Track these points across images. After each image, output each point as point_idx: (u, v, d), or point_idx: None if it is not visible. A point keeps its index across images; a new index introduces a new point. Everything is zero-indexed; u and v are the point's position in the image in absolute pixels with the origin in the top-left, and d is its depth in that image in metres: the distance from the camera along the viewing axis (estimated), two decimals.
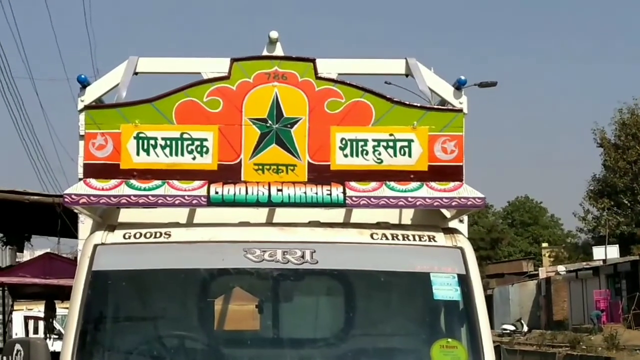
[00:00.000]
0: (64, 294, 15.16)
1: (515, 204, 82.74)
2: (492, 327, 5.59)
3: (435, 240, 5.49)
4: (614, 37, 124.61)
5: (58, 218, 12.71)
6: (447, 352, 5.14)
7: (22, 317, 23.59)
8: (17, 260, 20.70)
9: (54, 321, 17.76)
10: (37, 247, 20.41)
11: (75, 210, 5.61)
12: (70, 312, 5.22)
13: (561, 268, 57.91)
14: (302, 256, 5.32)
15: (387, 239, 5.49)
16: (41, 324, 20.30)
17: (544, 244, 67.38)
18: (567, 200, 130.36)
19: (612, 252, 50.20)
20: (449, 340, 5.25)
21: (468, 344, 5.20)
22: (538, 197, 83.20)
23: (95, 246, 5.35)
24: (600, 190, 58.02)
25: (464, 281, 5.30)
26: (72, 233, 6.44)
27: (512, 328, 50.82)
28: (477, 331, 5.16)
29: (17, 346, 5.35)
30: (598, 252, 51.67)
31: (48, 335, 15.88)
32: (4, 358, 5.37)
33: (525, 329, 50.72)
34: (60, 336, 6.72)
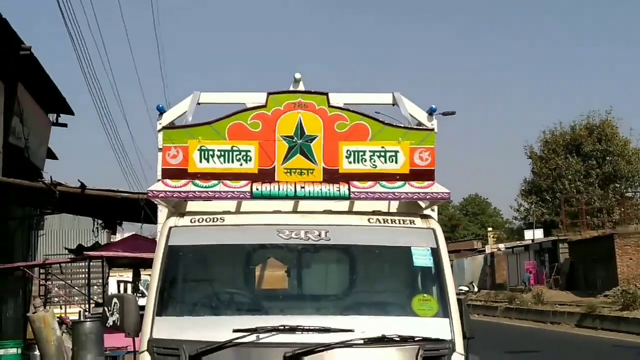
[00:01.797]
0: (146, 264, 15.42)
1: (468, 199, 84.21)
2: None
3: (414, 224, 5.64)
4: (536, 76, 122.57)
5: (141, 209, 12.76)
6: (424, 304, 5.28)
7: (115, 281, 23.65)
8: (111, 239, 20.71)
9: (139, 284, 17.78)
10: (126, 231, 20.47)
11: (156, 202, 5.80)
12: (152, 276, 5.39)
13: (501, 246, 58.66)
14: (319, 235, 5.48)
15: (380, 222, 5.65)
16: (129, 286, 20.34)
17: (489, 229, 68.33)
18: (506, 196, 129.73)
19: (538, 234, 50.71)
20: (425, 295, 5.42)
21: (438, 297, 5.28)
22: (485, 195, 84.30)
23: (170, 228, 5.54)
24: (529, 189, 58.67)
25: (435, 253, 5.47)
26: (151, 220, 6.52)
27: (466, 289, 51.50)
28: (445, 289, 5.33)
29: (114, 299, 5.43)
30: (528, 234, 52.10)
31: (135, 294, 15.89)
32: (105, 308, 5.44)
33: (476, 289, 51.24)
34: (143, 295, 6.78)
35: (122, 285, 23.29)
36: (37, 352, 11.18)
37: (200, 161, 5.50)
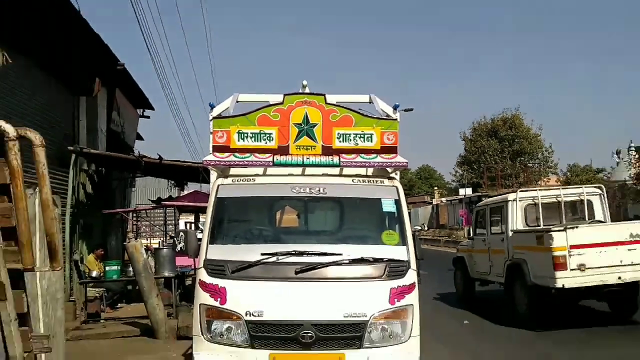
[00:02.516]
0: (203, 210, 15.29)
1: (422, 168, 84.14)
2: None
3: (383, 183, 5.61)
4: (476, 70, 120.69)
5: (200, 173, 12.69)
6: (389, 236, 5.33)
7: (183, 222, 23.64)
8: (180, 194, 20.67)
9: (198, 224, 17.76)
10: (190, 188, 20.33)
11: (209, 168, 5.71)
12: (206, 217, 5.45)
13: (443, 199, 58.59)
14: (319, 190, 5.45)
15: (360, 182, 5.62)
16: (192, 225, 20.32)
17: (436, 188, 67.95)
18: (447, 166, 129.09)
19: (468, 191, 50.52)
20: (390, 230, 5.40)
21: (399, 232, 5.25)
22: (433, 165, 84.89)
23: (218, 185, 5.53)
24: (462, 161, 58.61)
25: (397, 202, 5.45)
26: (206, 180, 6.47)
27: (419, 228, 50.63)
28: (404, 226, 5.34)
29: (181, 233, 5.45)
30: (461, 191, 51.83)
31: (195, 230, 15.95)
32: (175, 238, 5.45)
33: (426, 228, 50.88)
34: (201, 230, 6.87)
35: (187, 224, 23.37)
36: (130, 268, 11.23)
37: (238, 140, 5.52)
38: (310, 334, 4.71)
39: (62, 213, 10.84)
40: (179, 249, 5.27)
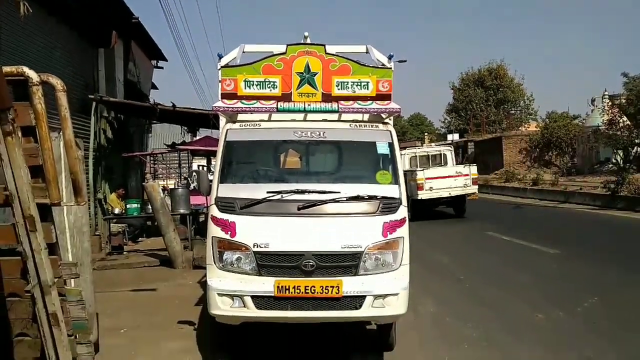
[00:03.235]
0: (214, 154, 15.26)
1: (413, 115, 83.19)
2: None
3: (378, 127, 5.56)
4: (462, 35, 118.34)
5: (210, 120, 12.60)
6: (383, 176, 5.30)
7: (196, 165, 23.65)
8: (193, 139, 20.59)
9: (210, 166, 17.80)
10: (202, 133, 20.26)
11: (218, 114, 5.62)
12: (216, 159, 5.42)
13: (433, 144, 57.90)
14: (319, 134, 5.41)
15: (357, 127, 5.55)
16: (205, 169, 20.36)
17: (426, 134, 67.40)
18: (437, 114, 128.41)
19: (456, 137, 50.19)
20: (384, 171, 5.35)
21: (392, 172, 5.22)
22: (424, 112, 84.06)
23: (227, 130, 5.48)
24: (451, 109, 57.91)
25: (390, 145, 5.41)
26: (217, 127, 6.42)
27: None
28: (396, 167, 5.29)
29: (194, 173, 5.47)
30: (450, 137, 51.52)
31: (207, 171, 16.03)
32: (189, 178, 5.46)
33: None
34: (212, 172, 6.84)
35: (200, 167, 23.43)
36: (149, 206, 11.33)
37: (245, 88, 5.40)
38: (311, 263, 4.77)
39: (85, 156, 10.83)
40: (192, 187, 5.26)
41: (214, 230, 4.99)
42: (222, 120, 5.82)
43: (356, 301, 4.85)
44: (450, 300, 7.78)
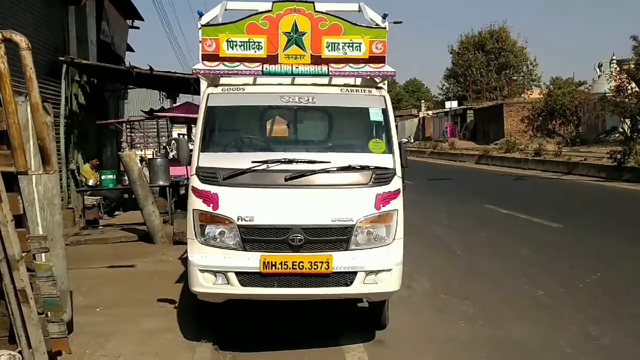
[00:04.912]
0: (195, 122, 15.16)
1: (409, 81, 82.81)
2: None
3: (371, 92, 5.54)
4: None
5: (191, 84, 12.47)
6: (376, 145, 5.32)
7: (176, 133, 23.54)
8: (173, 105, 20.44)
9: (191, 135, 17.69)
10: (182, 99, 20.06)
11: (199, 77, 5.54)
12: (197, 126, 5.39)
13: (430, 112, 58.31)
14: (308, 99, 5.37)
15: (349, 91, 5.53)
16: (185, 137, 20.27)
17: (422, 101, 67.34)
18: (435, 80, 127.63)
19: (454, 104, 50.37)
20: (377, 139, 5.34)
21: (386, 141, 5.23)
22: (420, 78, 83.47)
23: (208, 94, 5.41)
24: (449, 74, 57.65)
25: (384, 112, 5.40)
26: (198, 92, 6.33)
27: (406, 140, 50.91)
28: (390, 135, 5.32)
29: (173, 142, 5.39)
30: (447, 104, 51.62)
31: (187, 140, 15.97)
32: (167, 147, 5.38)
33: (412, 140, 51.10)
34: (193, 140, 6.73)
35: (180, 135, 23.34)
36: (126, 178, 11.26)
37: (227, 49, 5.34)
38: (299, 237, 4.79)
39: (55, 123, 10.70)
40: (172, 156, 5.25)
41: (195, 203, 4.98)
42: (203, 84, 5.75)
43: (347, 277, 4.89)
44: (447, 275, 7.85)
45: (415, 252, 8.61)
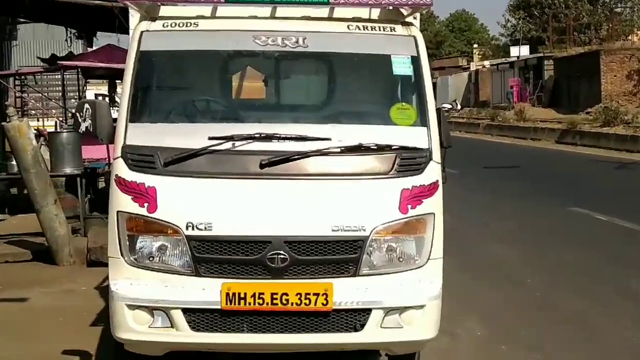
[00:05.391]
0: (121, 75, 15.16)
1: (455, 15, 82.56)
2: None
3: (395, 31, 5.51)
4: None
5: (115, 18, 12.46)
6: (402, 112, 5.29)
7: (93, 94, 23.51)
8: (87, 50, 20.46)
9: (115, 96, 17.68)
10: (102, 42, 20.03)
11: (127, 6, 5.50)
12: (124, 82, 5.35)
13: (486, 63, 58.71)
14: (297, 41, 5.37)
15: (360, 29, 5.51)
16: (106, 99, 20.23)
17: (475, 46, 67.49)
18: (493, 12, 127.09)
19: (524, 50, 50.72)
20: (404, 104, 5.34)
21: (417, 106, 5.25)
22: (472, 10, 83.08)
23: (142, 32, 5.40)
24: (517, 4, 58.06)
25: (415, 61, 5.40)
26: (126, 30, 6.32)
27: (449, 106, 50.92)
28: (424, 98, 5.32)
29: (86, 105, 5.34)
30: (514, 51, 52.03)
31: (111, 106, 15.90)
32: (78, 114, 5.36)
33: (459, 107, 51.06)
34: (117, 104, 6.69)
35: (99, 98, 23.32)
36: (13, 162, 11.26)
37: None
38: (282, 256, 4.78)
39: None
40: (83, 128, 5.17)
41: (121, 201, 4.97)
42: (135, 16, 5.72)
43: (355, 318, 4.90)
44: (508, 318, 7.88)
45: (460, 281, 8.62)
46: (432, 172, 5.12)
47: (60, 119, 19.18)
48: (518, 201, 15.93)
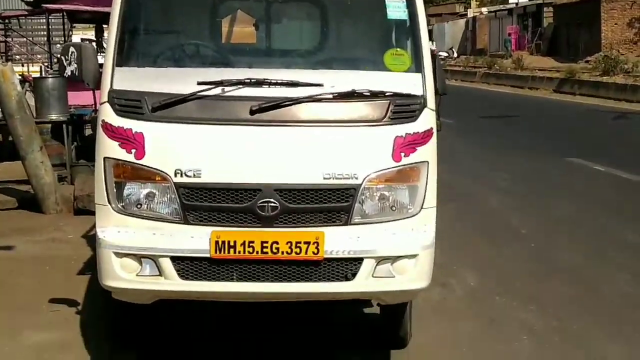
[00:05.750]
0: (107, 18, 15.02)
1: None
2: None
3: None
4: None
5: None
6: (396, 58, 5.24)
7: (79, 39, 23.29)
8: None
9: (102, 41, 17.51)
10: None
11: None
12: (110, 24, 5.26)
13: (484, 10, 58.18)
14: None
15: None
16: (93, 44, 20.00)
17: None
18: None
19: None
20: (398, 49, 5.30)
21: (412, 52, 5.20)
22: None
23: None
24: None
25: (410, 4, 5.28)
26: None
27: (445, 54, 51.03)
28: (419, 43, 5.25)
29: (72, 49, 5.28)
30: None
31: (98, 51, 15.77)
32: (62, 57, 5.29)
33: (455, 55, 51.14)
34: (104, 48, 6.62)
35: (84, 41, 23.12)
36: None
37: None
38: (272, 204, 4.78)
39: None
40: (68, 72, 5.13)
41: (108, 147, 4.94)
42: None
43: (347, 267, 4.91)
44: (503, 269, 7.94)
45: (455, 231, 8.67)
46: (427, 120, 5.08)
47: (46, 64, 19.05)
48: (515, 151, 15.94)
